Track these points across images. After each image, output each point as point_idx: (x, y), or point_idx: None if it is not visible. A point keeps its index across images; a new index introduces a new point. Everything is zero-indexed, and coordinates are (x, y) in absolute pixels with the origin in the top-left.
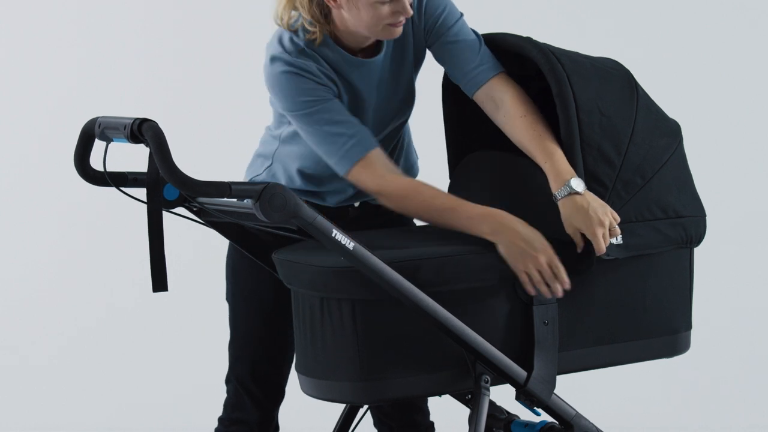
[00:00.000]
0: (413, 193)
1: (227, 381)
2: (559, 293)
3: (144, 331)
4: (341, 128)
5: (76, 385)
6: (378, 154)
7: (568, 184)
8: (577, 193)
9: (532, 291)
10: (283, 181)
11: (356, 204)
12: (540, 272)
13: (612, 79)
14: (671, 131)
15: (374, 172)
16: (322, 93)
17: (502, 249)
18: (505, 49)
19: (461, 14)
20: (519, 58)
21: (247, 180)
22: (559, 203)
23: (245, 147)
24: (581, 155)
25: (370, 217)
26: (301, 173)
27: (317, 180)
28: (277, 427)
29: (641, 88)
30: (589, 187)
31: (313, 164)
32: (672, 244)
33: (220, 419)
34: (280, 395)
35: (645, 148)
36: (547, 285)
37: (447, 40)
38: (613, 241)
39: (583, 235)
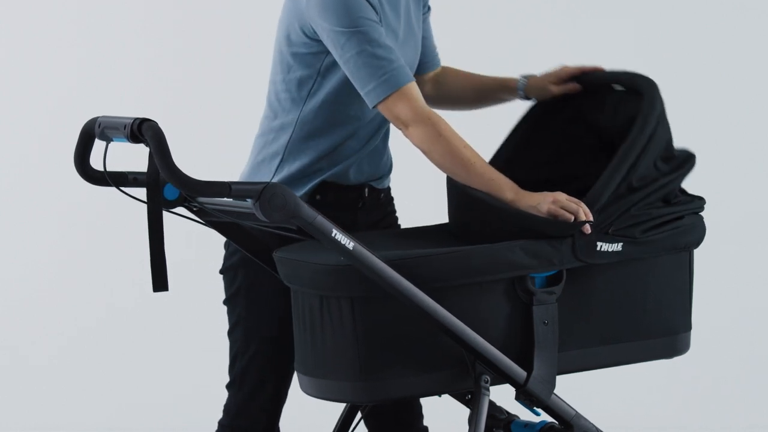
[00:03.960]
0: (449, 135)
1: (229, 386)
2: (584, 215)
3: (144, 332)
4: (386, 53)
5: (75, 385)
6: (416, 88)
7: (521, 77)
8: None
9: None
10: (300, 170)
11: (366, 192)
12: (564, 208)
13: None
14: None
15: (411, 104)
16: (374, 16)
17: (525, 206)
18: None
19: None
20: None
21: None
22: None
23: (245, 147)
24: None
25: (374, 206)
26: (327, 154)
27: (340, 157)
28: None
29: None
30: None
31: (340, 138)
32: (670, 250)
33: (221, 424)
34: (284, 401)
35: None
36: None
37: (425, 11)
38: (613, 247)
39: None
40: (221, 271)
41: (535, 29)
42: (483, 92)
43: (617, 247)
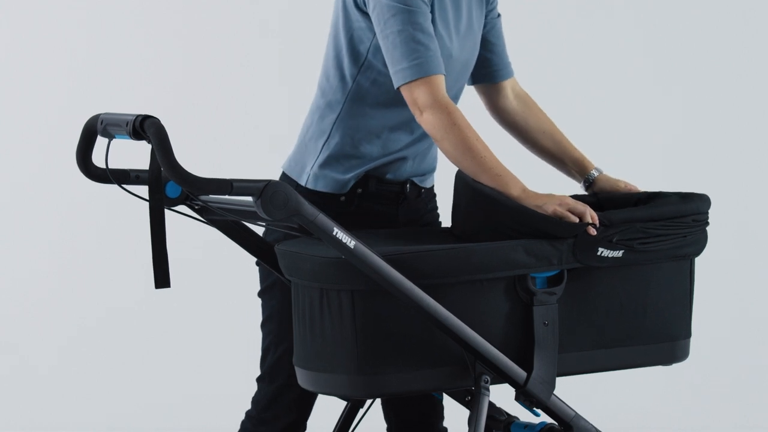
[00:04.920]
0: (463, 125)
1: (260, 379)
2: (591, 218)
3: (145, 331)
4: (426, 39)
5: (76, 385)
6: (443, 82)
7: (596, 168)
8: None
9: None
10: (345, 149)
11: (407, 188)
12: (571, 210)
13: None
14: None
15: (432, 91)
16: (427, 1)
17: (530, 205)
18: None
19: None
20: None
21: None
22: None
23: (247, 145)
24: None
25: (415, 202)
26: (374, 138)
27: (388, 147)
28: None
29: None
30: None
31: (390, 122)
32: (670, 258)
33: (248, 416)
34: (315, 397)
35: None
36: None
37: (494, 15)
38: (613, 253)
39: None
40: (257, 263)
41: (535, 28)
42: (561, 152)
43: (618, 253)
